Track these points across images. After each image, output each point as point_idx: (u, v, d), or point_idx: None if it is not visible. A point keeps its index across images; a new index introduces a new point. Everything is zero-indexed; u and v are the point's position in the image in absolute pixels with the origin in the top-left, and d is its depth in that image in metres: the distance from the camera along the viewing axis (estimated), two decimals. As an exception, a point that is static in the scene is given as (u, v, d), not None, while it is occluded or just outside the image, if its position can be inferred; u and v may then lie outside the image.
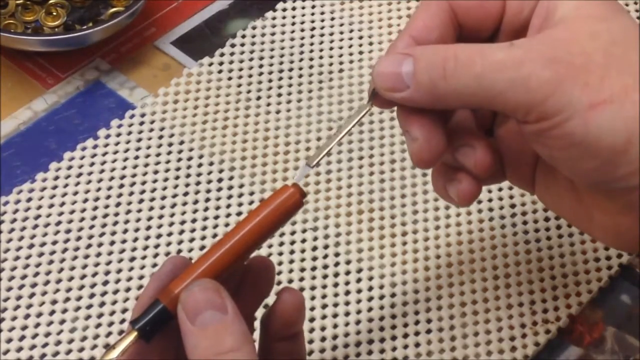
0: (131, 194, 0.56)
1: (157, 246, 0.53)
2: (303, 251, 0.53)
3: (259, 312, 0.43)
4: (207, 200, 0.55)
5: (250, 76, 0.62)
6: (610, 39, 0.38)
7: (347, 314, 0.51)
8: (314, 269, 0.53)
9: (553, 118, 0.37)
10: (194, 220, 0.55)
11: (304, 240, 0.54)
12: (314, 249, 0.54)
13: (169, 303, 0.37)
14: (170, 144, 0.58)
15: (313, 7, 0.66)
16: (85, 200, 0.55)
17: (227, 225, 0.54)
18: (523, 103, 0.37)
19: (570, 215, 0.44)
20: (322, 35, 0.64)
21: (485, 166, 0.42)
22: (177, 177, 0.57)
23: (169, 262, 0.40)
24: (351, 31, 0.64)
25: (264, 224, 0.39)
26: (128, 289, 0.52)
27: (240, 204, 0.55)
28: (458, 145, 0.42)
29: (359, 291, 0.52)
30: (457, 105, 0.41)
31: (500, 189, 0.56)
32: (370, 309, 0.51)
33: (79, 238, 0.54)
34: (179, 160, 0.57)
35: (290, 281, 0.52)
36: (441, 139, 0.41)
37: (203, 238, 0.54)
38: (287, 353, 0.42)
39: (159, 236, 0.54)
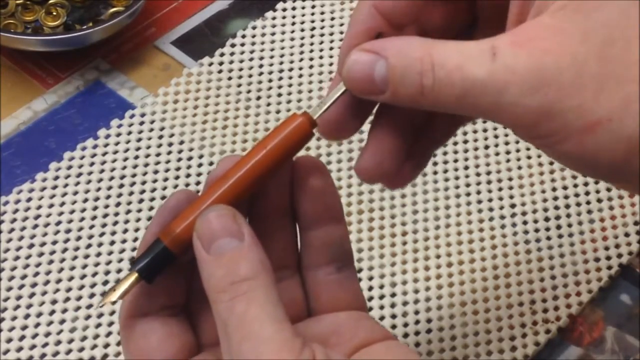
0: (131, 194, 0.56)
1: (157, 246, 0.53)
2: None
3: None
4: (207, 200, 0.55)
5: (250, 76, 0.62)
6: (606, 36, 0.33)
7: (347, 314, 0.51)
8: (314, 269, 0.53)
9: (545, 139, 0.34)
10: (194, 220, 0.55)
11: (304, 240, 0.54)
12: (314, 249, 0.54)
13: (170, 242, 0.36)
14: (170, 144, 0.58)
15: (313, 7, 0.66)
16: (85, 200, 0.55)
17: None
18: (510, 125, 0.35)
19: None
20: (322, 35, 0.64)
21: None
22: (177, 177, 0.57)
23: (174, 198, 0.37)
24: (351, 31, 0.64)
25: (270, 157, 0.36)
26: (128, 289, 0.52)
27: (240, 204, 0.55)
28: None
29: (359, 291, 0.52)
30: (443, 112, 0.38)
31: (500, 189, 0.56)
32: (370, 309, 0.51)
33: (79, 238, 0.54)
34: (179, 160, 0.57)
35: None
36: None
37: (203, 238, 0.54)
38: (329, 243, 0.39)
39: (159, 236, 0.54)
